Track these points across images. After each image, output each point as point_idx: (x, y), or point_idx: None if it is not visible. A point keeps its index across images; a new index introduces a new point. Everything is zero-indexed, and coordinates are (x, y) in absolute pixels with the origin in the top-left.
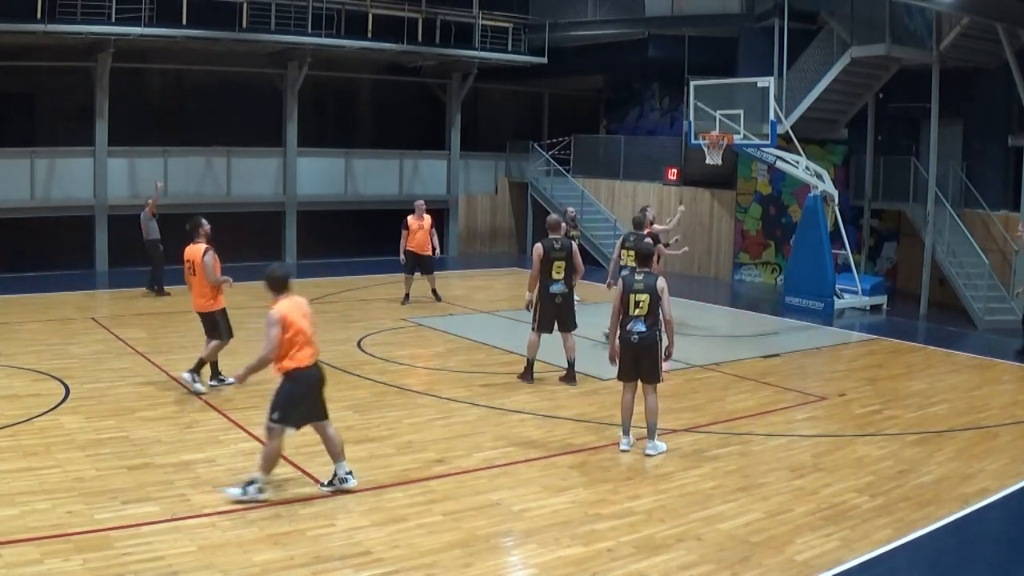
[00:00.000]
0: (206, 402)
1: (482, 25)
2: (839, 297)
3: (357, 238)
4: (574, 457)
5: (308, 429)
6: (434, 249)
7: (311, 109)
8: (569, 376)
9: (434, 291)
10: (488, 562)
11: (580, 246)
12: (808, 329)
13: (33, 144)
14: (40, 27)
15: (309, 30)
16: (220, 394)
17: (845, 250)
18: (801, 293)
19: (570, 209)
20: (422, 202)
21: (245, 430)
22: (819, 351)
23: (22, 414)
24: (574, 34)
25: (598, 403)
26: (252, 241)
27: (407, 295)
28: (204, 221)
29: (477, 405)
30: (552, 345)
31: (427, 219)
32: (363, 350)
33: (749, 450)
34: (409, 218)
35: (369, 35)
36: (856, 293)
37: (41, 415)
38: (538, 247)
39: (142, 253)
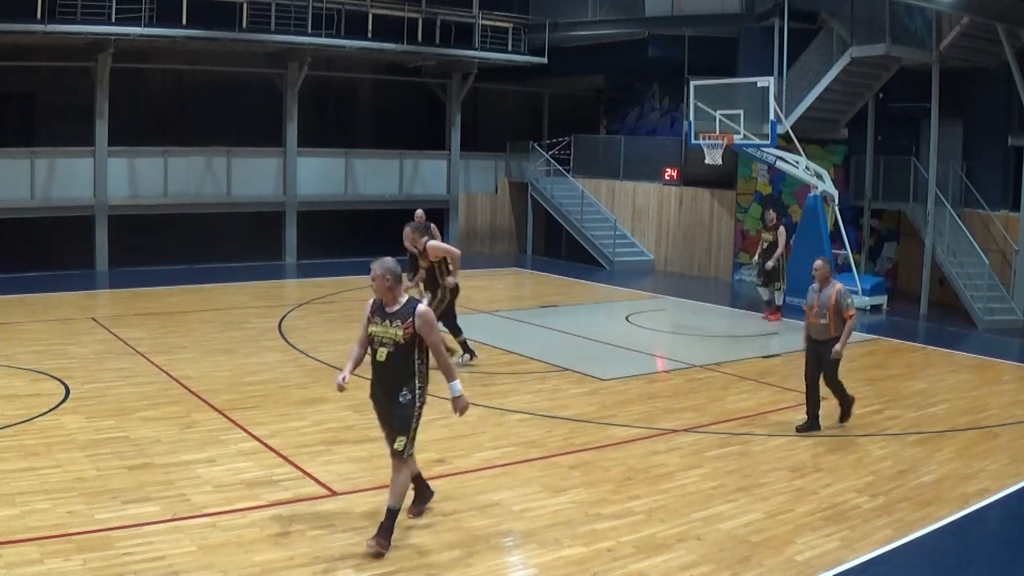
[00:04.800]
0: (206, 402)
1: (482, 25)
2: None
3: (357, 238)
4: (574, 457)
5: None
6: None
7: (311, 109)
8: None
9: None
10: (488, 562)
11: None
12: None
13: (33, 144)
14: (40, 27)
15: (309, 30)
16: (221, 395)
17: (845, 250)
18: (801, 293)
19: (419, 212)
20: None
21: (245, 430)
22: None
23: (23, 414)
24: (574, 34)
25: (598, 403)
26: (252, 241)
27: None
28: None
29: (477, 405)
30: (544, 340)
31: None
32: None
33: (749, 450)
34: None
35: (369, 35)
36: (856, 293)
37: (41, 415)
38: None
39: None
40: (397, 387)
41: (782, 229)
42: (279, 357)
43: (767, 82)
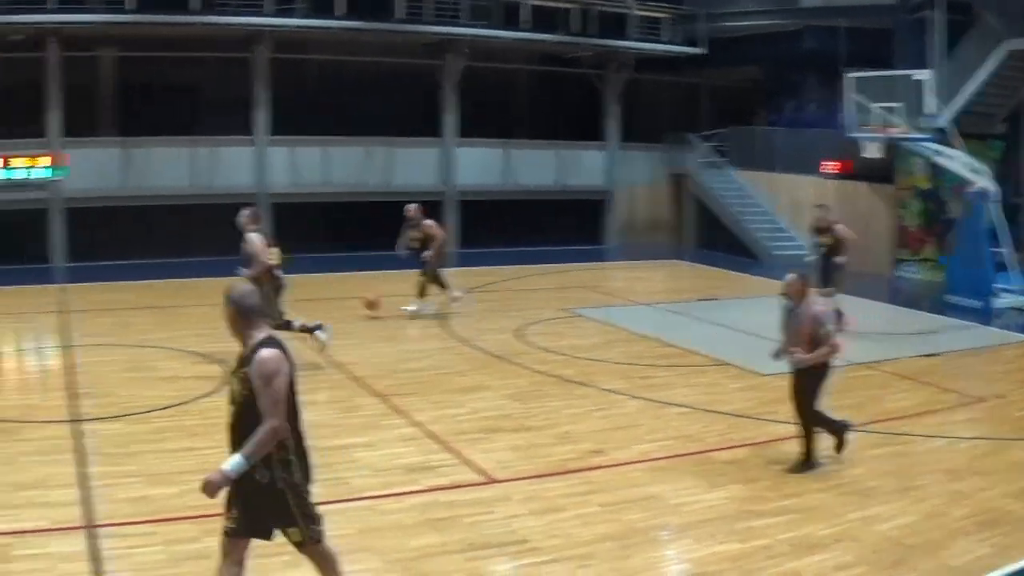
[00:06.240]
0: (367, 387)
1: (638, 15)
2: (999, 296)
3: (517, 227)
4: (732, 452)
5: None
6: None
7: (469, 99)
8: None
9: None
10: (644, 555)
11: None
12: (968, 328)
13: (194, 133)
14: (197, 19)
15: (464, 21)
16: (381, 380)
17: (1005, 248)
18: (960, 291)
19: (410, 207)
20: None
21: (406, 416)
22: (978, 351)
23: (184, 395)
24: (730, 24)
25: (757, 398)
26: None
27: None
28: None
29: (636, 397)
30: (703, 333)
31: None
32: (522, 339)
33: (906, 451)
34: None
35: (525, 26)
36: (1016, 292)
37: (203, 396)
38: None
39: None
40: None
41: (840, 227)
42: (439, 344)
43: (924, 75)
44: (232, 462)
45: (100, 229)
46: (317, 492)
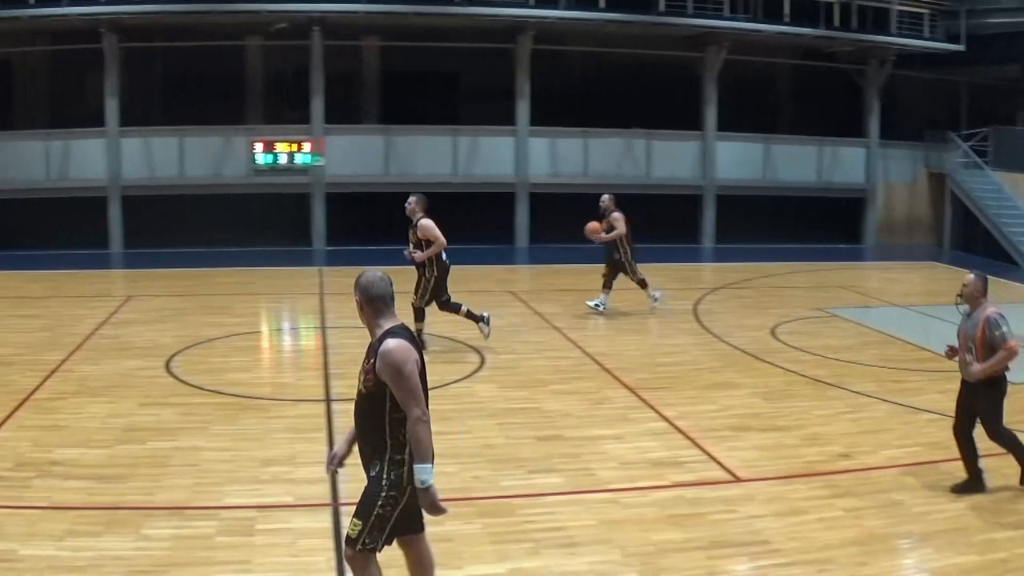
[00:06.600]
0: (618, 379)
1: (898, 10)
2: None
3: (776, 224)
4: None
5: None
6: None
7: (728, 93)
8: None
9: None
10: (883, 563)
11: None
12: None
13: (454, 122)
14: (460, 10)
15: (725, 14)
16: (633, 373)
17: None
18: None
19: (605, 196)
20: None
21: (654, 409)
22: None
23: (436, 380)
24: (990, 21)
25: (1009, 407)
26: (669, 223)
27: None
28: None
29: (887, 401)
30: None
31: None
32: (776, 337)
33: None
34: None
35: (786, 19)
36: None
37: (455, 382)
38: None
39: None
40: (367, 454)
41: None
42: (692, 340)
43: None
44: (423, 472)
45: (360, 214)
46: (560, 482)
